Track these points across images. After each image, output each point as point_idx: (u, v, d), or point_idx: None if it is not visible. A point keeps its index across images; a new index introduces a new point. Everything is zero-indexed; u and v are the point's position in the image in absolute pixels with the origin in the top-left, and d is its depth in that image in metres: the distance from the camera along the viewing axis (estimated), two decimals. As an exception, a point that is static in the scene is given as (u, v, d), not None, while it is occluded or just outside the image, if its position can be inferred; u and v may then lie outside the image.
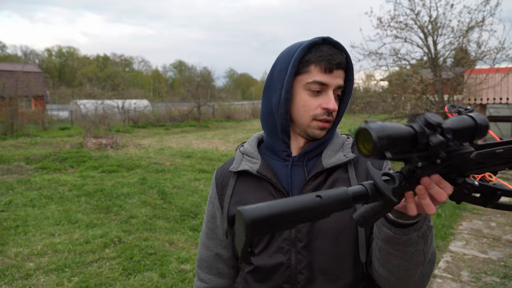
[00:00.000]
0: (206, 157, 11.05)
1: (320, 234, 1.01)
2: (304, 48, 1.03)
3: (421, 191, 0.69)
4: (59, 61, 66.51)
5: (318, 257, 1.01)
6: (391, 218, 0.81)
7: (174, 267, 4.06)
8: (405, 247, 0.84)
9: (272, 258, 1.04)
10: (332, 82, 1.02)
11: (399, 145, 0.60)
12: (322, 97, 1.03)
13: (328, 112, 1.03)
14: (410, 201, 0.71)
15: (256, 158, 1.12)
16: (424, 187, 0.69)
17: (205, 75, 27.68)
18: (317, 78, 1.01)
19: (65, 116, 26.26)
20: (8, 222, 5.42)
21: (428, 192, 0.69)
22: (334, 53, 1.02)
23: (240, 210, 0.61)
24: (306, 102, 1.03)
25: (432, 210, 0.70)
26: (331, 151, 1.08)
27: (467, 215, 5.97)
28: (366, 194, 0.66)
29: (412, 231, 0.82)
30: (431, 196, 0.69)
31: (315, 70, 1.02)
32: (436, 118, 0.63)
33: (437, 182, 0.69)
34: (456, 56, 11.88)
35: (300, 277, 1.01)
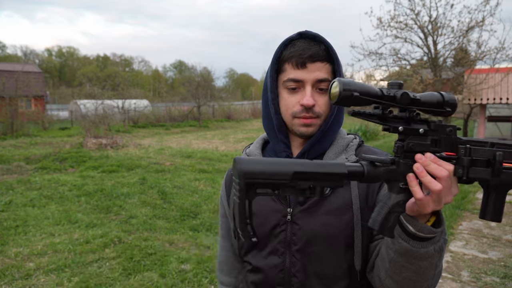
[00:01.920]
0: (206, 157, 11.05)
1: (315, 238, 1.00)
2: (280, 46, 1.02)
3: (418, 169, 0.72)
4: (59, 61, 66.49)
5: (312, 261, 1.00)
6: (411, 231, 0.79)
7: (174, 267, 4.06)
8: (421, 261, 0.82)
9: (267, 260, 1.03)
10: (307, 76, 0.98)
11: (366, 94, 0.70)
12: (299, 93, 1.00)
13: (306, 108, 0.99)
14: (413, 184, 0.73)
15: None
16: (420, 164, 0.72)
17: (205, 75, 27.69)
18: (291, 75, 1.00)
19: (65, 116, 26.26)
20: (8, 222, 5.42)
21: (427, 171, 0.72)
22: (307, 47, 0.98)
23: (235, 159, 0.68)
24: (285, 100, 1.02)
25: (436, 185, 0.71)
26: (333, 153, 1.06)
27: (467, 215, 5.97)
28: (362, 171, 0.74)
29: (430, 244, 0.80)
30: (432, 174, 0.72)
31: (289, 67, 1.01)
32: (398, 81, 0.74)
33: (433, 160, 0.73)
34: (456, 56, 11.88)
35: (294, 280, 1.01)
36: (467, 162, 0.73)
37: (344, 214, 0.99)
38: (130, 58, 73.89)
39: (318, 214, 1.00)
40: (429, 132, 0.75)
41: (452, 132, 0.76)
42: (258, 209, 1.04)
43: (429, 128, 0.76)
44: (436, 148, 0.76)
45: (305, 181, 0.69)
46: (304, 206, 1.01)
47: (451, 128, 0.76)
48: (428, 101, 0.75)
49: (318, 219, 1.00)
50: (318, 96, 1.00)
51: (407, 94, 0.72)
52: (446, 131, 0.76)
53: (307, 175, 0.69)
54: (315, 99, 0.99)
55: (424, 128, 0.75)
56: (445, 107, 0.75)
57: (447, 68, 12.10)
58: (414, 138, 0.75)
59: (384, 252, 0.89)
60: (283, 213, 1.02)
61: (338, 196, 1.00)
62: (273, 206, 1.04)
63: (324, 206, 1.00)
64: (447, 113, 0.76)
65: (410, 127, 0.75)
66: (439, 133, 0.76)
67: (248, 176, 0.66)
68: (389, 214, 0.76)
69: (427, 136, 0.75)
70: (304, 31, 1.02)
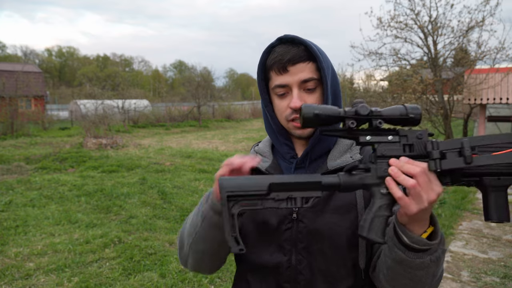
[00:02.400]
0: (206, 157, 11.05)
1: (320, 236, 1.00)
2: (263, 54, 1.05)
3: (393, 170, 0.78)
4: (59, 61, 66.48)
5: (318, 259, 1.01)
6: (406, 242, 0.81)
7: (174, 267, 4.06)
8: (417, 270, 0.83)
9: (273, 257, 1.03)
10: (291, 80, 1.00)
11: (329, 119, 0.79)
12: (288, 97, 1.02)
13: (295, 110, 1.00)
14: (392, 185, 0.78)
15: (268, 158, 1.12)
16: (394, 166, 0.77)
17: (205, 75, 27.70)
18: (276, 82, 1.02)
19: (65, 116, 26.25)
20: (8, 222, 5.42)
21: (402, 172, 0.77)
22: (285, 51, 1.00)
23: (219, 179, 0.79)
24: (277, 106, 1.05)
25: (408, 180, 0.75)
26: (338, 152, 1.07)
27: (467, 215, 5.97)
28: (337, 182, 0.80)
29: (426, 255, 0.82)
30: (406, 174, 0.77)
31: (273, 74, 1.03)
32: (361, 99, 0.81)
33: (407, 161, 0.77)
34: (456, 56, 11.89)
35: (300, 277, 1.01)
36: (436, 154, 0.77)
37: (349, 212, 1.00)
38: (130, 58, 73.92)
39: (323, 213, 1.01)
40: (400, 138, 0.81)
41: (423, 135, 0.80)
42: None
43: (398, 134, 0.81)
44: (410, 153, 0.80)
45: (282, 192, 0.78)
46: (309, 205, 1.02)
47: (420, 132, 0.80)
48: (390, 114, 0.80)
49: (323, 217, 1.01)
50: (306, 96, 1.01)
51: (365, 106, 0.79)
52: (416, 135, 0.80)
53: (283, 186, 0.78)
54: (304, 99, 1.01)
55: (392, 135, 0.81)
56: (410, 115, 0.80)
57: (447, 68, 12.10)
58: (385, 145, 0.81)
59: (383, 258, 0.91)
60: (288, 211, 1.03)
61: (343, 195, 1.01)
62: None
63: (329, 204, 1.02)
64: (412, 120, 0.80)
65: (377, 135, 0.81)
66: (410, 138, 0.81)
67: (228, 189, 0.77)
68: (374, 219, 0.79)
69: (398, 142, 0.81)
70: (283, 36, 1.03)
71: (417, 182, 0.75)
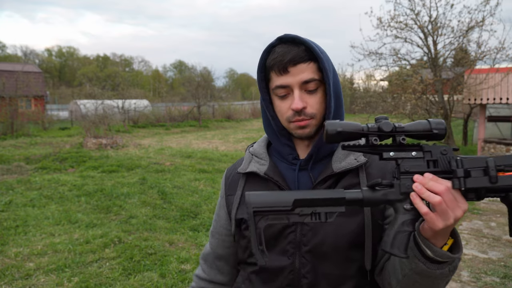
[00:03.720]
0: (206, 157, 11.05)
1: (326, 239, 0.99)
2: (263, 54, 1.03)
3: (417, 187, 0.77)
4: (59, 61, 66.46)
5: (322, 262, 1.00)
6: (429, 255, 0.81)
7: (174, 267, 4.06)
8: (435, 280, 0.85)
9: (276, 261, 1.02)
10: (292, 80, 0.98)
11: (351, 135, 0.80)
12: (289, 98, 1.00)
13: (297, 112, 0.99)
14: (417, 200, 0.77)
15: (264, 160, 1.11)
16: (419, 183, 0.77)
17: (205, 75, 27.70)
18: (277, 83, 1.00)
19: (65, 116, 26.25)
20: (8, 222, 5.42)
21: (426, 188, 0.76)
22: (286, 51, 0.97)
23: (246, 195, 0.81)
24: (278, 107, 1.04)
25: (434, 197, 0.75)
26: (342, 154, 1.05)
27: (467, 215, 5.97)
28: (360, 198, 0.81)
29: (446, 266, 0.83)
30: (431, 191, 0.76)
31: (274, 75, 1.01)
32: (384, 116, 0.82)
33: (432, 178, 0.77)
34: (456, 56, 11.88)
35: (303, 281, 1.00)
36: (461, 173, 0.77)
37: (355, 215, 0.99)
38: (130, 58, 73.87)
39: None
40: (424, 154, 0.81)
41: (447, 151, 0.80)
42: None
43: (422, 150, 0.81)
44: (434, 169, 0.80)
45: (306, 207, 0.80)
46: None
47: (445, 148, 0.80)
48: (414, 130, 0.81)
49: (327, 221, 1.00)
50: (308, 97, 1.00)
51: (389, 123, 0.80)
52: (440, 151, 0.80)
53: (307, 202, 0.80)
54: (305, 100, 0.99)
55: (416, 151, 0.81)
56: (434, 130, 0.80)
57: (447, 68, 12.10)
58: (409, 161, 0.81)
59: (398, 266, 0.90)
60: None
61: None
62: None
63: None
64: (436, 136, 0.80)
65: (400, 151, 0.81)
66: (434, 154, 0.81)
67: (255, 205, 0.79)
68: (397, 234, 0.80)
69: (422, 158, 0.81)
70: (283, 35, 1.00)
71: (443, 200, 0.75)
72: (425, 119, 0.88)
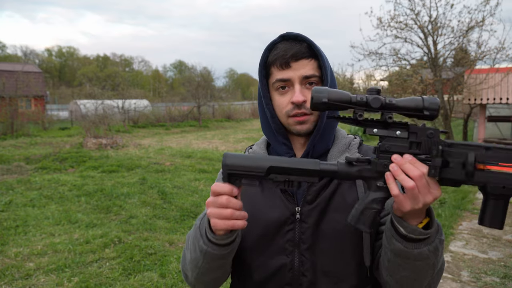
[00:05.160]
0: (206, 157, 11.04)
1: (324, 236, 1.00)
2: (265, 51, 1.05)
3: (393, 168, 0.78)
4: (59, 61, 66.47)
5: (321, 259, 1.00)
6: (402, 233, 0.82)
7: (174, 267, 4.06)
8: (415, 261, 0.84)
9: (275, 260, 1.02)
10: (293, 75, 1.00)
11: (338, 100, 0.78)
12: (289, 93, 1.02)
13: (297, 105, 1.00)
14: (390, 181, 0.78)
15: None
16: (395, 164, 0.77)
17: (205, 75, 27.69)
18: (278, 76, 1.02)
19: (65, 116, 26.25)
20: (8, 222, 5.42)
21: (402, 170, 0.77)
22: (288, 47, 1.00)
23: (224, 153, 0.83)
24: (277, 101, 1.05)
25: (408, 182, 0.76)
26: (337, 151, 1.07)
27: (467, 215, 5.97)
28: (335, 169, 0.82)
29: (423, 245, 0.83)
30: (406, 174, 0.77)
31: (275, 70, 1.03)
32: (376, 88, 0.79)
33: (410, 161, 0.77)
34: (456, 56, 11.87)
35: (303, 279, 1.01)
36: (438, 163, 0.76)
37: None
38: (130, 58, 73.90)
39: (327, 212, 1.01)
40: (408, 134, 0.79)
41: (433, 134, 0.78)
42: (265, 208, 1.04)
43: (407, 131, 0.79)
44: (416, 150, 0.79)
45: (280, 174, 0.81)
46: (312, 205, 1.02)
47: (431, 131, 0.78)
48: (405, 106, 0.78)
49: (327, 217, 1.01)
50: (308, 93, 1.01)
51: (378, 99, 0.77)
52: (426, 133, 0.78)
53: (281, 169, 0.81)
54: (305, 95, 1.01)
55: (402, 130, 0.79)
56: (424, 111, 0.77)
57: (447, 68, 12.09)
58: (391, 140, 0.80)
59: (383, 251, 0.91)
60: (291, 211, 1.03)
61: (346, 194, 1.01)
62: (280, 205, 1.04)
63: (332, 204, 1.02)
64: (427, 117, 0.78)
65: (384, 130, 0.80)
66: (419, 135, 0.79)
67: (230, 167, 0.81)
68: (364, 210, 0.82)
69: (406, 139, 0.79)
70: (286, 33, 1.03)
71: (416, 185, 0.75)
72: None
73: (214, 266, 0.95)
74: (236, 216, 0.85)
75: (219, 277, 1.01)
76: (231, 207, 0.84)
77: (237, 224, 0.85)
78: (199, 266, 0.96)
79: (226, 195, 0.84)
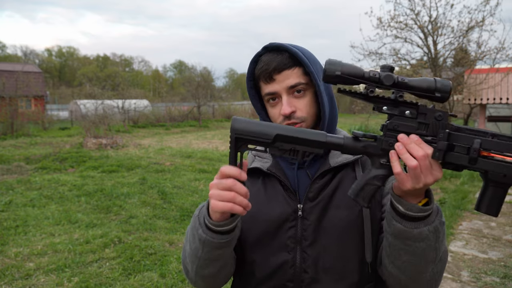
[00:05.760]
0: (206, 157, 11.05)
1: (326, 232, 1.01)
2: (251, 63, 1.07)
3: (398, 147, 0.78)
4: (59, 61, 66.49)
5: (323, 256, 1.01)
6: (401, 211, 0.82)
7: (174, 267, 4.06)
8: (416, 242, 0.84)
9: (276, 256, 1.03)
10: (279, 87, 1.02)
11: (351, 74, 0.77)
12: (280, 104, 1.04)
13: (287, 117, 1.01)
14: (394, 159, 0.79)
15: (267, 158, 1.13)
16: (401, 143, 0.78)
17: (205, 75, 27.70)
18: (265, 91, 1.05)
19: (65, 116, 26.27)
20: (8, 222, 5.42)
21: (407, 150, 0.77)
22: (270, 60, 1.01)
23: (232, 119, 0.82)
24: (270, 113, 1.08)
25: (412, 161, 0.76)
26: (338, 152, 1.07)
27: (467, 215, 5.97)
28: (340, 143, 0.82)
29: (423, 225, 0.83)
30: (410, 153, 0.77)
31: (262, 84, 1.05)
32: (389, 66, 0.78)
33: (416, 141, 0.77)
34: (456, 56, 11.88)
35: (304, 276, 1.01)
36: (443, 146, 0.76)
37: (354, 207, 1.01)
38: (130, 58, 73.90)
39: (329, 209, 1.02)
40: (417, 115, 0.79)
41: (442, 117, 0.78)
42: (267, 205, 1.05)
43: (416, 111, 0.79)
44: (423, 132, 0.79)
45: (286, 143, 0.81)
46: (314, 202, 1.03)
47: (440, 113, 0.78)
48: (417, 86, 0.78)
49: (328, 213, 1.02)
50: (296, 101, 1.03)
51: (391, 76, 0.77)
52: (435, 115, 0.78)
53: (288, 138, 0.81)
54: (294, 105, 1.02)
55: (411, 110, 0.79)
56: (436, 92, 0.77)
57: (447, 68, 12.10)
58: (400, 119, 0.80)
59: (384, 238, 0.92)
60: (293, 208, 1.03)
61: (347, 190, 1.01)
62: (282, 201, 1.04)
63: (334, 200, 1.03)
64: (438, 98, 0.78)
65: (394, 108, 0.80)
66: (428, 117, 0.79)
67: (238, 132, 0.81)
68: (365, 185, 0.83)
69: (414, 119, 0.79)
70: (268, 44, 1.04)
71: (419, 165, 0.76)
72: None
73: (213, 256, 0.93)
74: (238, 201, 0.82)
75: (219, 273, 1.00)
76: (235, 190, 0.82)
77: (236, 208, 0.82)
78: (199, 256, 0.94)
79: (232, 178, 0.82)
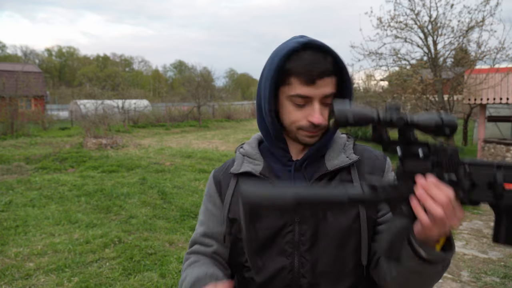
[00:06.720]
0: (206, 157, 11.04)
1: (324, 236, 1.00)
2: (283, 57, 0.95)
3: (420, 194, 0.74)
4: (59, 61, 66.51)
5: (321, 260, 1.00)
6: (422, 256, 0.80)
7: (174, 267, 4.06)
8: (428, 276, 0.86)
9: (275, 262, 1.02)
10: (316, 93, 0.95)
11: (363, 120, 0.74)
12: (307, 109, 0.97)
13: (315, 125, 0.97)
14: (418, 209, 0.75)
15: (258, 160, 1.10)
16: (422, 188, 0.73)
17: (205, 75, 27.68)
18: (299, 92, 0.95)
19: (65, 116, 26.26)
20: (8, 222, 5.42)
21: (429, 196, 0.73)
22: (316, 61, 0.93)
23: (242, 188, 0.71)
24: (291, 113, 0.99)
25: (437, 212, 0.72)
26: (334, 153, 1.06)
27: (467, 215, 5.97)
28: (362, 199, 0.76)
29: (440, 265, 0.84)
30: (432, 197, 0.73)
31: (296, 83, 0.95)
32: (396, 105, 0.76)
33: (434, 183, 0.73)
34: (456, 56, 11.87)
35: (303, 281, 1.00)
36: (467, 186, 0.74)
37: (351, 210, 1.01)
38: (130, 58, 73.95)
39: (326, 214, 1.01)
40: (431, 155, 0.76)
41: (454, 154, 0.76)
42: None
43: (429, 150, 0.76)
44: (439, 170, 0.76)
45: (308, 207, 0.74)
46: None
47: (452, 153, 0.76)
48: (426, 125, 0.75)
49: (326, 218, 1.01)
50: (323, 110, 0.98)
51: (402, 119, 0.74)
52: (447, 153, 0.76)
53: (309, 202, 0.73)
54: (324, 116, 0.98)
55: (424, 150, 0.76)
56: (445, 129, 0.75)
57: (447, 68, 12.09)
58: (414, 161, 0.76)
59: (389, 265, 0.93)
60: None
61: None
62: None
63: None
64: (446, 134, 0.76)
65: (409, 151, 0.76)
66: (440, 155, 0.76)
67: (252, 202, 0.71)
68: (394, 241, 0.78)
69: (427, 158, 0.76)
70: (308, 41, 0.95)
71: (444, 213, 0.72)
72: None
73: None
74: None
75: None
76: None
77: None
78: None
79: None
